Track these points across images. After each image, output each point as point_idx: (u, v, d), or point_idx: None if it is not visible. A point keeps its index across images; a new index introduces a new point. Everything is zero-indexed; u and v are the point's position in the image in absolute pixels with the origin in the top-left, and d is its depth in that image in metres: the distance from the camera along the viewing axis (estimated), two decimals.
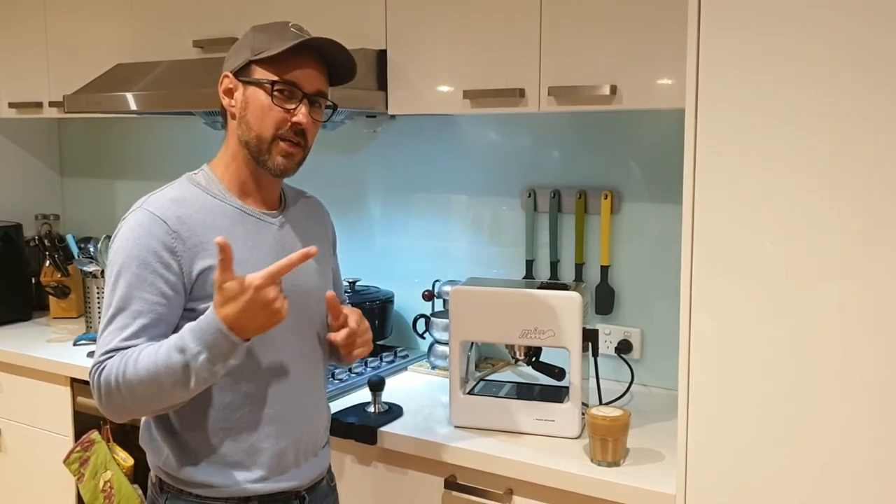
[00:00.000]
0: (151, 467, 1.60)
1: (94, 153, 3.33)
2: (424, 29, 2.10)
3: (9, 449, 2.72)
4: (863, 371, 1.36)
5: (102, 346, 1.45)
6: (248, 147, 1.54)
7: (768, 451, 1.45)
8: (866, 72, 1.31)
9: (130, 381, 1.39)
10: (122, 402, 1.42)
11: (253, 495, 1.54)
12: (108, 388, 1.42)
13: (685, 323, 1.50)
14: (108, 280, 1.48)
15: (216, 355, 1.37)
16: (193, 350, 1.36)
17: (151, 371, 1.38)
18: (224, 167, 1.58)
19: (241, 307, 1.35)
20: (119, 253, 1.47)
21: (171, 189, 1.54)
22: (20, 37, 2.93)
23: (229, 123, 1.58)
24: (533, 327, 1.84)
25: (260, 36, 1.53)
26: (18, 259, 3.05)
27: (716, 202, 1.45)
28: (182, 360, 1.37)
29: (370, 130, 2.62)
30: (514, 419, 1.89)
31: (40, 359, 2.55)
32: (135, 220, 1.48)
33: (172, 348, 1.38)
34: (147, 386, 1.39)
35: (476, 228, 2.48)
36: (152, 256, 1.44)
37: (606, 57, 1.86)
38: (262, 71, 1.51)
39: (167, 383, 1.38)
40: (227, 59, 1.57)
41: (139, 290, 1.44)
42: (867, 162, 1.33)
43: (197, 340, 1.37)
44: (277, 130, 1.51)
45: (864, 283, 1.35)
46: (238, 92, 1.53)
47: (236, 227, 1.52)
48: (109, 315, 1.46)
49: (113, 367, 1.41)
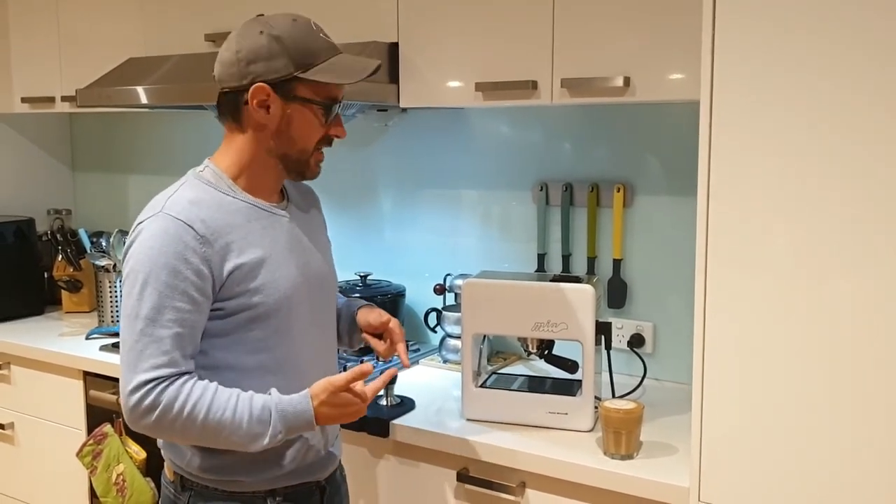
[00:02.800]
0: (171, 467, 1.59)
1: (106, 148, 3.34)
2: (436, 22, 2.10)
3: (22, 442, 2.73)
4: (877, 365, 1.35)
5: (144, 361, 1.40)
6: (284, 159, 1.53)
7: (782, 445, 1.44)
8: (885, 64, 1.30)
9: (194, 419, 1.40)
10: (171, 430, 1.42)
11: (279, 488, 1.55)
12: (164, 414, 1.39)
13: (699, 317, 1.49)
14: (131, 287, 1.43)
15: (290, 434, 1.46)
16: (278, 429, 1.43)
17: (222, 423, 1.41)
18: (238, 169, 1.54)
19: (336, 409, 1.47)
20: (143, 261, 1.41)
21: (185, 189, 1.50)
22: (33, 32, 2.94)
23: (248, 131, 1.52)
24: (546, 320, 1.84)
25: (294, 45, 1.46)
26: (31, 254, 3.06)
27: (730, 195, 1.44)
28: (261, 431, 1.42)
29: (381, 124, 2.62)
30: (526, 412, 1.89)
31: (53, 352, 2.57)
32: (158, 227, 1.43)
33: (254, 419, 1.42)
34: (210, 431, 1.42)
35: (487, 222, 2.48)
36: (182, 264, 1.41)
37: (620, 48, 1.85)
38: (308, 89, 1.49)
39: (233, 438, 1.42)
40: (241, 61, 1.47)
41: (170, 300, 1.40)
42: (884, 155, 1.32)
43: (284, 423, 1.44)
44: (320, 144, 1.55)
45: (879, 278, 1.34)
46: (275, 106, 1.48)
47: (252, 223, 1.51)
48: (140, 328, 1.41)
49: (174, 397, 1.39)
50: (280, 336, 1.51)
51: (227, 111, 1.53)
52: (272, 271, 1.50)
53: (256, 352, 1.50)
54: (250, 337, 1.49)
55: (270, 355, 1.51)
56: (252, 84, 1.46)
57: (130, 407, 1.41)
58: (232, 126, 1.53)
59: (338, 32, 2.21)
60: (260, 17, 1.51)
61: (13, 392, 2.72)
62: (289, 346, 1.53)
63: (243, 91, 1.47)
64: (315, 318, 1.60)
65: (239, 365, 1.49)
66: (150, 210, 1.47)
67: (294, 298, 1.53)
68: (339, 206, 2.73)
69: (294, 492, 1.57)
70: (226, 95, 1.51)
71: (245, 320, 1.48)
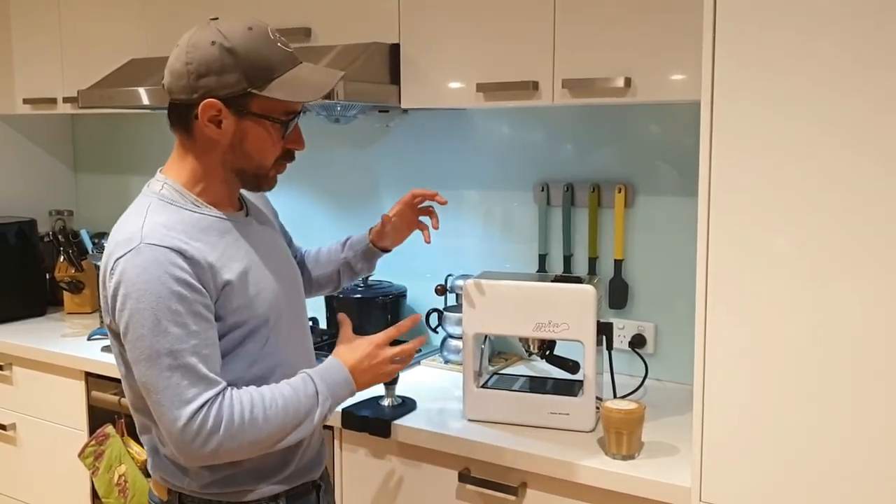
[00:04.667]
0: (164, 485, 1.54)
1: (108, 149, 3.34)
2: (437, 23, 2.10)
3: (24, 443, 2.73)
4: (877, 365, 1.35)
5: (184, 392, 1.34)
6: (240, 174, 1.48)
7: (783, 445, 1.44)
8: (884, 65, 1.30)
9: (256, 420, 1.38)
10: (240, 444, 1.38)
11: (282, 492, 1.54)
12: (228, 429, 1.35)
13: (700, 318, 1.49)
14: (139, 329, 1.34)
15: (336, 402, 1.48)
16: (325, 394, 1.45)
17: (286, 411, 1.41)
18: (193, 182, 1.47)
19: (373, 367, 1.52)
20: (143, 297, 1.33)
21: (154, 214, 1.41)
22: (35, 33, 2.94)
23: (199, 144, 1.44)
24: (547, 320, 1.84)
25: (248, 57, 1.38)
26: (33, 255, 3.07)
27: (731, 196, 1.44)
28: (311, 405, 1.44)
29: (382, 125, 2.62)
30: (527, 413, 1.89)
31: (55, 353, 2.57)
32: (144, 258, 1.34)
33: (302, 395, 1.43)
34: (275, 427, 1.40)
35: (488, 223, 2.48)
36: (184, 287, 1.35)
37: (621, 49, 1.86)
38: (263, 104, 1.41)
39: (294, 423, 1.42)
40: (190, 74, 1.38)
41: (186, 327, 1.34)
42: (885, 156, 1.32)
43: (327, 387, 1.46)
44: (279, 159, 1.49)
45: (881, 279, 1.34)
46: (228, 122, 1.40)
47: (225, 237, 1.46)
48: (167, 364, 1.33)
49: (231, 410, 1.36)
50: (271, 345, 1.49)
51: (177, 122, 1.46)
52: (256, 283, 1.47)
53: (252, 364, 1.47)
54: (245, 351, 1.46)
55: (264, 364, 1.49)
56: (202, 99, 1.38)
57: (190, 440, 1.34)
58: (183, 137, 1.46)
59: (339, 34, 2.23)
60: (213, 23, 1.42)
61: (15, 393, 2.72)
62: (280, 353, 1.51)
63: (193, 105, 1.40)
64: (295, 321, 1.59)
65: (238, 380, 1.44)
66: (125, 245, 1.37)
67: (278, 306, 1.50)
68: (340, 207, 2.73)
69: (295, 493, 1.57)
70: (176, 106, 1.44)
71: (240, 336, 1.45)
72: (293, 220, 2.73)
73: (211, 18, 1.43)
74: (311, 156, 2.74)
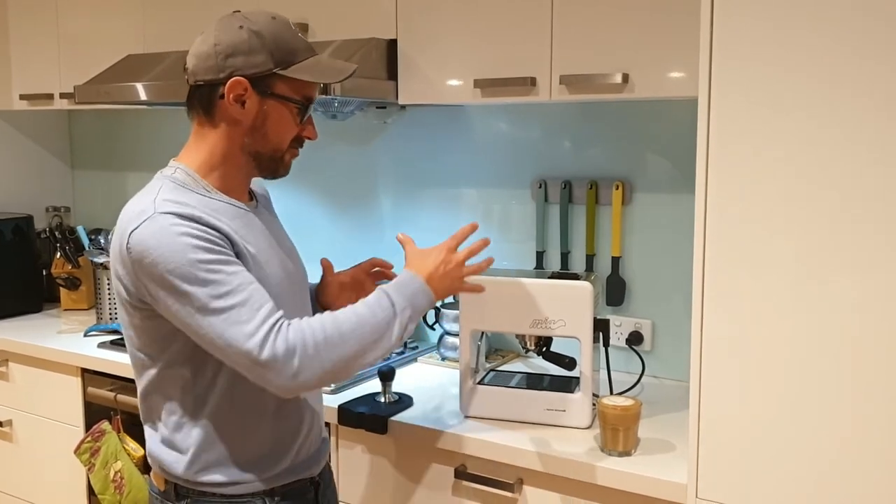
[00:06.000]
0: (162, 475, 1.54)
1: (105, 145, 3.34)
2: (435, 18, 2.10)
3: (20, 439, 2.73)
4: (874, 363, 1.35)
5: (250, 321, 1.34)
6: (257, 157, 1.51)
7: (780, 442, 1.44)
8: (883, 62, 1.30)
9: (332, 337, 1.38)
10: (323, 359, 1.37)
11: (277, 487, 1.54)
12: (305, 346, 1.36)
13: (697, 315, 1.50)
14: (179, 286, 1.34)
15: (417, 312, 1.48)
16: (401, 305, 1.45)
17: (361, 325, 1.41)
18: (209, 167, 1.50)
19: (450, 270, 1.53)
20: (173, 256, 1.34)
21: (165, 192, 1.43)
22: (31, 29, 2.94)
23: (220, 127, 1.48)
24: (544, 317, 1.84)
25: (274, 41, 1.45)
26: (29, 251, 3.06)
27: (729, 193, 1.44)
28: (388, 316, 1.43)
29: (380, 121, 2.61)
30: (524, 409, 1.89)
31: (51, 349, 2.56)
32: (162, 224, 1.36)
33: (376, 307, 1.43)
34: (354, 340, 1.40)
35: (486, 220, 2.48)
36: (207, 242, 1.36)
37: (619, 45, 1.85)
38: (286, 86, 1.47)
39: (375, 337, 1.42)
40: (219, 55, 1.43)
41: (223, 271, 1.35)
42: (883, 153, 1.32)
43: (402, 297, 1.46)
44: (292, 143, 1.53)
45: (878, 277, 1.34)
46: (251, 102, 1.45)
47: (236, 220, 1.48)
48: (220, 306, 1.34)
49: (302, 329, 1.37)
50: None
51: (199, 105, 1.49)
52: (262, 268, 1.47)
53: None
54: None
55: None
56: (230, 78, 1.43)
57: (271, 366, 1.34)
58: (203, 121, 1.49)
59: (337, 29, 2.22)
60: (237, 14, 1.48)
61: (11, 389, 2.72)
62: None
63: (219, 84, 1.44)
64: (299, 313, 1.55)
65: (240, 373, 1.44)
66: (137, 217, 1.39)
67: (281, 297, 1.49)
68: (337, 204, 2.73)
69: (290, 490, 1.56)
70: (199, 89, 1.47)
71: None
72: (290, 216, 2.73)
73: (234, 11, 1.50)
74: (309, 152, 2.74)
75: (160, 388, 1.50)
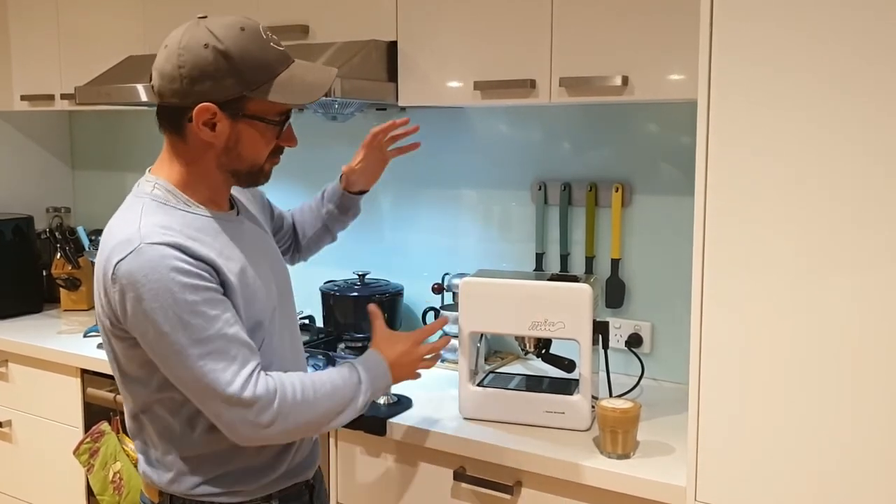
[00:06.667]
0: (155, 487, 1.52)
1: (106, 146, 3.34)
2: (435, 20, 2.10)
3: (19, 440, 2.73)
4: (874, 365, 1.35)
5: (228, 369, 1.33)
6: (235, 174, 1.45)
7: (779, 445, 1.44)
8: (882, 63, 1.30)
9: (308, 397, 1.40)
10: (296, 416, 1.39)
11: (274, 492, 1.53)
12: (283, 399, 1.37)
13: (696, 317, 1.49)
14: (160, 326, 1.31)
15: (374, 395, 1.52)
16: (366, 385, 1.49)
17: (334, 391, 1.44)
18: (186, 183, 1.44)
19: (409, 363, 1.59)
20: (157, 295, 1.31)
21: (148, 216, 1.38)
22: (32, 29, 2.94)
23: (191, 147, 1.42)
24: (543, 319, 1.84)
25: (243, 60, 1.35)
26: (29, 251, 3.06)
27: (728, 195, 1.44)
28: (354, 391, 1.47)
29: (380, 123, 2.61)
30: (523, 411, 1.89)
31: (51, 350, 2.56)
32: (148, 258, 1.32)
33: (347, 380, 1.47)
34: (324, 406, 1.43)
35: (486, 222, 2.48)
36: (194, 278, 1.33)
37: (618, 47, 1.85)
38: (259, 106, 1.39)
39: (343, 402, 1.45)
40: (184, 78, 1.34)
41: (205, 315, 1.33)
42: (882, 155, 1.32)
43: (369, 377, 1.50)
44: (271, 155, 1.47)
45: (876, 278, 1.34)
46: (222, 125, 1.37)
47: (220, 236, 1.43)
48: (197, 353, 1.32)
49: (279, 381, 1.38)
50: (265, 346, 1.47)
51: (167, 125, 1.43)
52: (251, 283, 1.44)
53: None
54: None
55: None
56: (196, 103, 1.35)
57: (240, 417, 1.34)
58: (174, 139, 1.43)
59: (337, 31, 2.22)
60: (203, 22, 1.37)
61: (11, 390, 2.72)
62: (272, 354, 1.49)
63: (187, 109, 1.36)
64: (287, 321, 1.56)
65: None
66: (124, 247, 1.34)
67: (272, 307, 1.49)
68: None
69: (287, 494, 1.55)
70: (166, 108, 1.40)
71: None
72: None
73: (199, 17, 1.39)
74: (309, 154, 2.74)
75: (149, 409, 1.46)
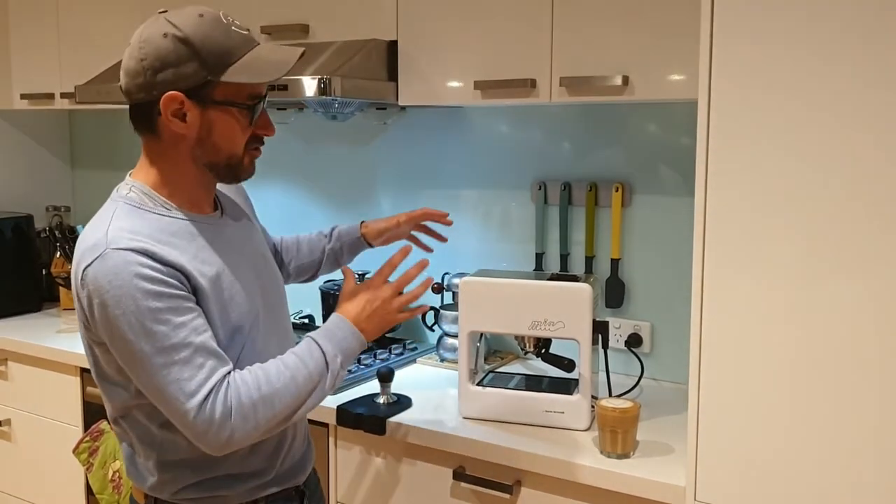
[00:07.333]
0: (141, 490, 1.50)
1: (105, 145, 3.34)
2: (435, 19, 2.10)
3: (18, 438, 2.73)
4: (874, 367, 1.35)
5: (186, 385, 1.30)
6: (213, 167, 1.42)
7: (778, 445, 1.44)
8: (885, 65, 1.30)
9: (267, 397, 1.35)
10: (256, 422, 1.34)
11: (261, 498, 1.51)
12: (240, 411, 1.32)
13: (696, 317, 1.49)
14: (124, 333, 1.29)
15: (348, 357, 1.45)
16: (332, 352, 1.42)
17: (295, 383, 1.37)
18: (165, 183, 1.42)
19: (378, 310, 1.50)
20: (120, 301, 1.29)
21: (119, 220, 1.36)
22: (32, 29, 2.94)
23: (166, 142, 1.39)
24: (543, 319, 1.84)
25: (203, 45, 1.33)
26: (29, 250, 3.06)
27: (728, 195, 1.44)
28: (319, 366, 1.40)
29: (380, 122, 2.61)
30: (523, 411, 1.89)
31: (50, 349, 2.56)
32: (112, 264, 1.29)
33: (306, 358, 1.40)
34: (287, 399, 1.37)
35: (486, 221, 2.48)
36: (159, 285, 1.31)
37: (619, 47, 1.85)
38: (226, 90, 1.36)
39: (309, 389, 1.39)
40: (147, 71, 1.33)
41: (169, 322, 1.30)
42: (884, 157, 1.32)
43: (332, 344, 1.43)
44: (249, 144, 1.43)
45: (877, 279, 1.34)
46: (192, 114, 1.35)
47: (197, 239, 1.41)
48: (160, 363, 1.29)
49: (237, 392, 1.33)
50: (246, 351, 1.44)
51: (140, 124, 1.41)
52: (228, 287, 1.41)
53: None
54: None
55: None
56: (162, 94, 1.33)
57: (205, 431, 1.31)
58: (149, 138, 1.41)
59: (337, 31, 2.22)
60: (162, 15, 1.37)
61: (10, 388, 2.72)
62: (255, 359, 1.44)
63: (154, 102, 1.35)
64: (274, 324, 1.53)
65: None
66: (90, 253, 1.32)
67: (254, 311, 1.46)
68: (337, 205, 2.73)
69: (275, 499, 1.52)
70: (137, 107, 1.39)
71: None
72: (289, 217, 2.74)
73: (159, 11, 1.38)
74: (309, 153, 2.75)
75: (129, 414, 1.45)
